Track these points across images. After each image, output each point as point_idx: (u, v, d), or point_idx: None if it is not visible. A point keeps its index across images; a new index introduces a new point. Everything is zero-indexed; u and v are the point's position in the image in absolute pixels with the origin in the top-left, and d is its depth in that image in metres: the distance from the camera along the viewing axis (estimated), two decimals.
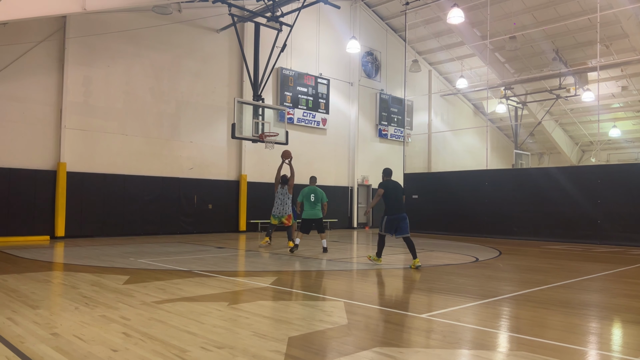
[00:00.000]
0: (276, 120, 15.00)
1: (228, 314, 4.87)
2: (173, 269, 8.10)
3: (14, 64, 13.41)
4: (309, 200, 10.84)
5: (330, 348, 3.82)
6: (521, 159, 25.69)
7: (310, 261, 9.41)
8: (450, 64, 26.02)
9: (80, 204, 14.39)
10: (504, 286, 6.94)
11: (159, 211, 16.01)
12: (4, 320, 4.45)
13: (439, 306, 5.47)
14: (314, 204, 10.83)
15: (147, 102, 15.97)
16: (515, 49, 21.03)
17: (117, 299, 5.52)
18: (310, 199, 10.83)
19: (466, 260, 10.09)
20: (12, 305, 5.09)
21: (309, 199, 10.85)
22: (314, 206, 10.83)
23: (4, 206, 13.19)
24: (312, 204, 10.82)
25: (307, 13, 18.71)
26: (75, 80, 14.42)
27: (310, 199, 10.84)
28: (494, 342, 4.09)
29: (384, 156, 23.74)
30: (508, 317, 5.05)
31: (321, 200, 10.91)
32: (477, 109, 29.35)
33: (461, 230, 17.92)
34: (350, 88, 22.37)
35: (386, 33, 24.02)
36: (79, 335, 4.00)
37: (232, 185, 18.07)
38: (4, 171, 13.21)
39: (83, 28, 14.51)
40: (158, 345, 3.76)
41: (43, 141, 13.93)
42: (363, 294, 6.20)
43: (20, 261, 8.85)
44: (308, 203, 10.85)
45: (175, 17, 16.41)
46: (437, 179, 20.08)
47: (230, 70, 18.17)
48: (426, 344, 3.98)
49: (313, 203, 10.83)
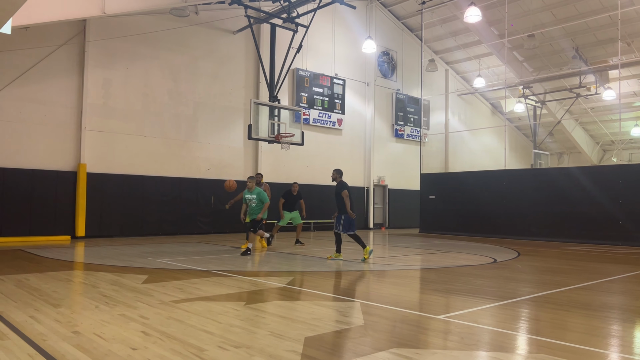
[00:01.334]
0: (292, 121, 15.04)
1: (245, 313, 4.89)
2: (191, 268, 8.17)
3: (36, 67, 13.69)
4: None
5: (346, 348, 3.81)
6: (540, 158, 25.33)
7: (327, 262, 9.42)
8: (467, 63, 25.79)
9: (99, 204, 14.62)
10: (523, 287, 6.85)
11: (176, 211, 16.17)
12: (26, 319, 4.54)
13: (457, 307, 5.42)
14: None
15: (165, 103, 16.15)
16: (533, 47, 20.76)
17: (136, 298, 5.59)
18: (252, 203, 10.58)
19: (484, 261, 9.98)
20: (34, 304, 5.19)
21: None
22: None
23: (27, 206, 13.46)
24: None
25: (322, 13, 18.73)
26: (95, 82, 14.66)
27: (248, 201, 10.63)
28: (513, 344, 4.04)
29: (401, 156, 23.65)
30: (527, 319, 4.98)
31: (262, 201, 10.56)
32: (494, 108, 29.04)
33: (479, 231, 17.75)
34: (366, 88, 22.32)
35: (402, 32, 23.91)
36: (99, 334, 4.06)
37: None
38: (26, 172, 13.49)
39: (102, 31, 14.74)
40: (176, 344, 3.79)
41: (64, 143, 14.18)
42: (379, 295, 6.18)
43: (42, 260, 9.02)
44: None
45: (192, 20, 16.58)
46: (454, 179, 19.91)
47: (247, 72, 18.28)
48: (443, 345, 3.95)
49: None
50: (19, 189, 13.35)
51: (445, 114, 26.02)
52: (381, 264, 9.32)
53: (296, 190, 13.01)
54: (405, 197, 23.33)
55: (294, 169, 19.42)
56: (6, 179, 13.19)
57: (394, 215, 23.19)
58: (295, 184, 13.18)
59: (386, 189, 23.00)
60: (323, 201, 20.40)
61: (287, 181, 19.12)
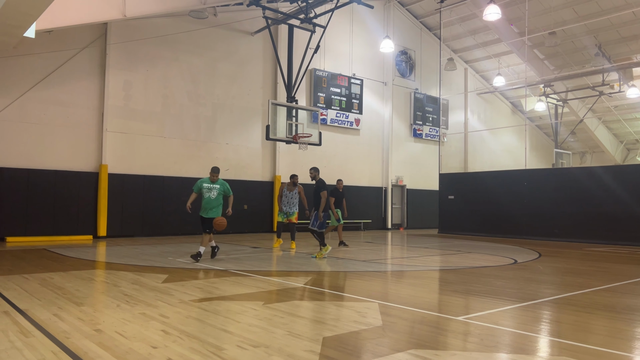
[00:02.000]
0: (309, 121, 15.07)
1: (263, 313, 4.92)
2: (210, 268, 8.25)
3: (59, 70, 13.96)
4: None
5: (364, 349, 3.81)
6: (562, 158, 24.93)
7: (344, 262, 9.41)
8: (486, 62, 25.50)
9: (121, 204, 14.85)
10: (544, 289, 6.74)
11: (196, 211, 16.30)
12: (50, 317, 4.64)
13: (476, 308, 5.37)
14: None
15: (185, 105, 16.33)
16: (555, 45, 20.42)
17: (157, 297, 5.66)
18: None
19: (504, 262, 9.86)
20: (58, 302, 5.30)
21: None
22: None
23: (50, 206, 13.75)
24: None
25: (340, 14, 18.71)
26: (116, 84, 14.89)
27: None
28: (534, 346, 3.98)
29: (419, 156, 23.50)
30: (548, 320, 4.91)
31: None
32: (515, 107, 28.65)
33: (499, 232, 17.53)
34: (384, 88, 22.24)
35: (420, 32, 23.75)
36: (120, 332, 4.12)
37: (267, 186, 18.25)
38: (49, 173, 13.77)
39: (123, 34, 14.97)
40: (195, 343, 3.83)
41: (86, 144, 14.44)
42: (398, 296, 6.15)
43: (65, 259, 9.20)
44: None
45: (211, 22, 16.72)
46: (473, 179, 19.70)
47: (265, 73, 18.37)
48: (463, 346, 3.91)
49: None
50: (43, 189, 13.65)
51: (464, 113, 25.77)
52: (399, 264, 9.27)
53: (341, 187, 12.73)
54: (423, 197, 23.17)
55: None
56: (31, 179, 13.48)
57: (412, 216, 23.05)
58: (340, 181, 12.85)
59: (404, 189, 22.87)
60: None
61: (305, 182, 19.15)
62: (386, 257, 10.55)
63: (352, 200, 20.71)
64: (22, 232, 13.24)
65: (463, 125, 25.61)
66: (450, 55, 24.07)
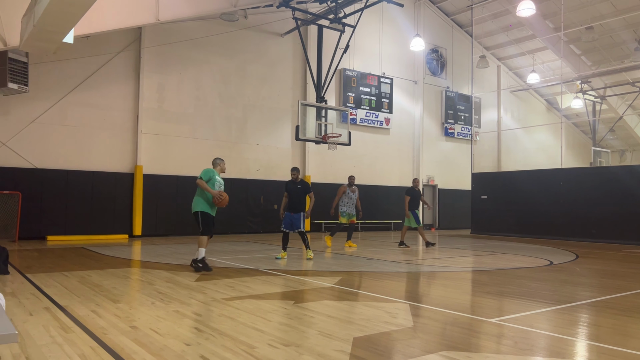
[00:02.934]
0: (339, 121, 15.06)
1: (294, 312, 4.95)
2: (241, 267, 8.35)
3: (96, 74, 14.39)
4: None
5: (395, 350, 3.78)
6: (600, 156, 24.14)
7: (375, 262, 9.37)
8: (520, 59, 24.93)
9: (155, 204, 15.19)
10: (581, 291, 6.55)
11: (227, 211, 16.51)
12: (88, 313, 4.79)
13: (510, 311, 5.26)
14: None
15: (216, 106, 16.58)
16: (592, 40, 19.81)
17: (190, 295, 5.77)
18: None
19: (539, 263, 9.63)
20: (95, 299, 5.47)
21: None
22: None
23: (88, 207, 14.19)
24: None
25: (369, 13, 18.64)
26: (150, 87, 15.25)
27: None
28: (570, 350, 3.87)
29: (451, 155, 23.18)
30: (586, 324, 4.77)
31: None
32: (550, 104, 27.92)
33: (534, 233, 17.12)
34: (414, 86, 22.03)
35: (451, 29, 23.43)
36: (155, 329, 4.22)
37: None
38: (87, 174, 14.21)
39: (156, 38, 15.31)
40: (227, 341, 3.89)
41: (122, 145, 14.84)
42: (429, 297, 6.09)
43: (102, 258, 9.48)
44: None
45: (241, 24, 16.93)
46: (507, 178, 19.30)
47: (294, 73, 18.46)
48: (496, 349, 3.84)
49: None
50: (81, 190, 14.09)
51: (497, 111, 25.28)
52: (431, 265, 9.17)
53: (418, 185, 12.87)
54: (455, 197, 22.84)
55: (341, 169, 19.43)
56: (70, 180, 13.95)
57: (444, 216, 22.75)
58: (416, 179, 13.21)
59: (436, 189, 22.59)
60: (371, 202, 20.32)
61: (335, 182, 19.18)
62: (417, 258, 10.45)
63: (382, 201, 20.61)
64: (61, 232, 13.70)
65: (496, 124, 25.12)
66: (482, 53, 23.63)
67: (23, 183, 13.18)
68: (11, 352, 3.53)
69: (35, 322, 4.39)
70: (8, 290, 5.94)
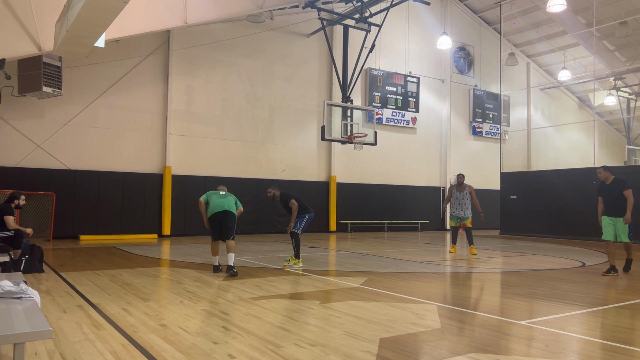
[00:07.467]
0: (365, 121, 15.00)
1: (320, 312, 4.96)
2: (268, 267, 8.41)
3: (126, 76, 14.72)
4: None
5: (422, 351, 3.75)
6: (635, 155, 23.41)
7: (401, 263, 9.30)
8: (550, 56, 24.36)
9: (183, 204, 15.43)
10: (615, 294, 6.36)
11: (254, 211, 16.69)
12: (119, 311, 4.90)
13: (541, 313, 5.15)
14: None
15: (243, 107, 16.75)
16: (626, 35, 19.23)
17: (217, 294, 5.84)
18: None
19: (571, 264, 9.39)
20: (126, 297, 5.59)
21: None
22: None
23: (118, 207, 14.52)
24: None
25: (395, 11, 18.52)
26: (178, 89, 15.51)
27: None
28: (603, 354, 3.76)
29: (479, 155, 22.83)
30: (619, 327, 4.62)
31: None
32: (582, 102, 27.19)
33: (565, 233, 16.71)
34: (441, 85, 21.78)
35: (479, 27, 23.07)
36: (184, 327, 4.29)
37: (323, 186, 18.36)
38: (118, 175, 14.54)
39: (184, 41, 15.56)
40: (254, 340, 3.92)
41: (151, 147, 15.13)
42: (457, 298, 6.01)
43: (132, 257, 9.69)
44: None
45: (267, 25, 17.04)
46: (537, 178, 18.88)
47: (320, 74, 18.49)
48: (526, 352, 3.77)
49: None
50: (112, 190, 14.43)
51: (527, 109, 24.77)
52: (459, 266, 9.05)
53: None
54: (484, 197, 22.34)
55: (367, 169, 19.37)
56: (101, 181, 14.30)
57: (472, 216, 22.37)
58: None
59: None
60: (398, 202, 20.18)
61: (360, 182, 19.13)
62: (445, 259, 10.33)
63: (408, 201, 20.45)
64: (93, 231, 14.06)
65: (525, 122, 24.61)
66: (511, 50, 23.17)
67: (57, 184, 13.58)
68: (46, 348, 3.65)
69: (69, 319, 4.51)
70: (43, 288, 6.13)
